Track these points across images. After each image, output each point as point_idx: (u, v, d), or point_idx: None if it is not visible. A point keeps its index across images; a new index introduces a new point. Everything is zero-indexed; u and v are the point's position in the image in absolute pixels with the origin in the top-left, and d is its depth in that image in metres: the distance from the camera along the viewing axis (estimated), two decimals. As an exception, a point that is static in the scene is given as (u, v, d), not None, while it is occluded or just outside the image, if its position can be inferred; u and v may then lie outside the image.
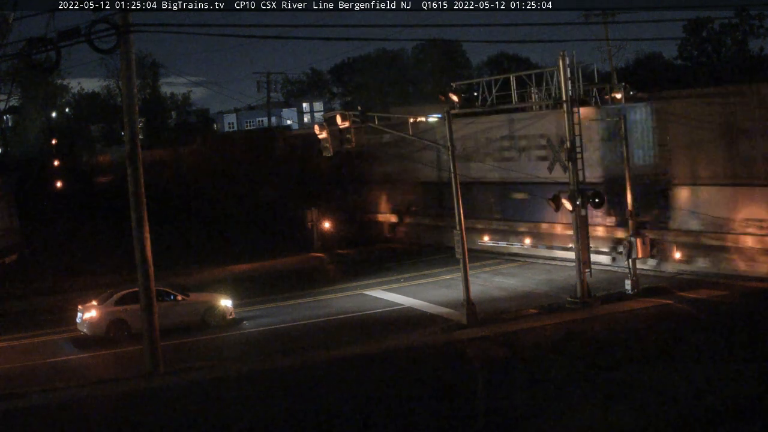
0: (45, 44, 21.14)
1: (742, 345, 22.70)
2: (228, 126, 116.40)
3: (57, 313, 32.72)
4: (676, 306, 27.67)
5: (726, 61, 78.51)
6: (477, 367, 23.12)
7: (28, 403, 21.54)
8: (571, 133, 28.68)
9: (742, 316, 25.97)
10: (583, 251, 28.63)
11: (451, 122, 28.22)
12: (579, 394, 19.50)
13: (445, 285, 34.02)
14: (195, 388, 22.30)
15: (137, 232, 23.46)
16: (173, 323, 27.93)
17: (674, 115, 32.48)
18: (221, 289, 32.91)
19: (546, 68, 30.65)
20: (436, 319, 28.54)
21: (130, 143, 23.45)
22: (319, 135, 29.44)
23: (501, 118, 39.45)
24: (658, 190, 33.18)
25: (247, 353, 25.88)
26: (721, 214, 31.05)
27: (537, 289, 32.34)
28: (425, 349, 24.80)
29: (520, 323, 26.98)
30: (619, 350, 23.12)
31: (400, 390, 20.98)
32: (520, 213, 38.99)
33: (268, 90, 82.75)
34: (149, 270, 23.54)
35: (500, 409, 19.19)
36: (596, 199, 28.56)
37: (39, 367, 25.64)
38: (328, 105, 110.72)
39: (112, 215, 58.11)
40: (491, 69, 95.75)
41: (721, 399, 18.49)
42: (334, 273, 40.38)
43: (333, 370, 23.30)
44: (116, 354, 26.69)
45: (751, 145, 30.15)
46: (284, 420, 19.39)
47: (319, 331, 28.11)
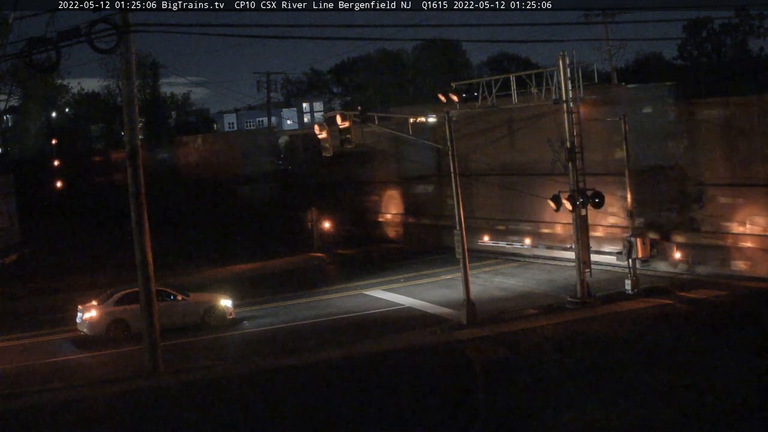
0: (45, 44, 21.14)
1: (742, 345, 22.72)
2: (228, 126, 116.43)
3: (57, 313, 32.69)
4: (677, 306, 27.67)
5: (726, 61, 78.50)
6: (477, 367, 23.10)
7: (28, 403, 21.52)
8: (570, 133, 28.70)
9: (742, 316, 25.99)
10: (583, 251, 28.64)
11: (451, 122, 28.23)
12: (579, 394, 19.49)
13: (445, 285, 34.02)
14: (195, 388, 22.29)
15: (137, 232, 23.45)
16: (173, 323, 27.93)
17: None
18: (221, 289, 32.92)
19: (546, 68, 30.62)
20: (436, 319, 28.54)
21: (130, 143, 23.44)
22: (319, 135, 29.45)
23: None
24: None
25: (247, 353, 25.87)
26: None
27: (537, 289, 32.35)
28: (425, 349, 24.79)
29: (520, 323, 26.98)
30: (619, 350, 23.13)
31: (400, 390, 20.98)
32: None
33: (268, 90, 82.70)
34: (149, 270, 23.52)
35: (500, 409, 19.20)
36: (596, 199, 28.55)
37: (39, 367, 25.62)
38: (328, 105, 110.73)
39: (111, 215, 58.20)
40: (491, 69, 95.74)
41: (721, 399, 18.48)
42: (334, 273, 40.38)
43: (333, 370, 23.29)
44: (116, 354, 26.69)
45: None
46: (284, 420, 19.38)
47: (319, 332, 28.10)
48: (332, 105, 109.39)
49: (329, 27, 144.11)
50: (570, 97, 28.82)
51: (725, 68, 72.04)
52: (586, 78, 31.66)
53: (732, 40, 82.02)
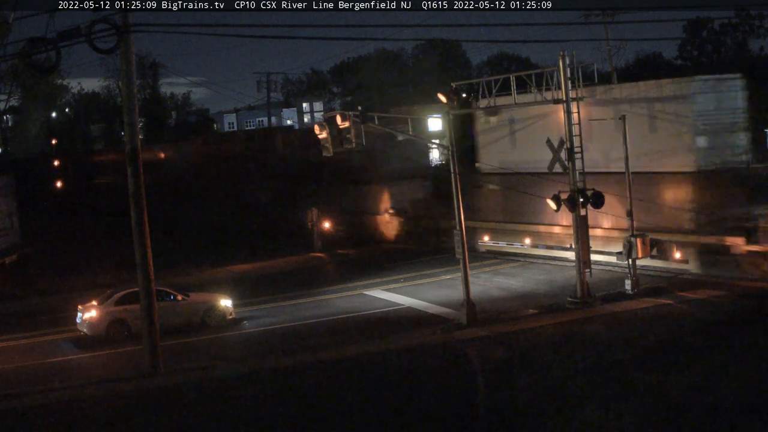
0: (45, 44, 21.14)
1: (742, 345, 22.72)
2: (228, 126, 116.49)
3: (57, 313, 32.72)
4: (676, 306, 27.67)
5: (726, 61, 78.52)
6: (477, 367, 23.10)
7: (28, 403, 21.53)
8: (570, 133, 28.70)
9: (742, 316, 25.98)
10: (583, 251, 28.63)
11: (450, 122, 28.23)
12: (579, 394, 19.49)
13: (445, 285, 34.02)
14: (195, 388, 22.29)
15: (137, 231, 23.46)
16: (173, 323, 27.94)
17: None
18: (221, 289, 32.94)
19: (546, 68, 30.60)
20: (436, 319, 28.54)
21: (130, 143, 23.44)
22: (319, 135, 29.43)
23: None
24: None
25: (247, 353, 25.87)
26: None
27: (537, 289, 32.34)
28: (425, 349, 24.79)
29: (520, 323, 26.97)
30: (619, 350, 23.12)
31: (400, 390, 20.98)
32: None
33: (268, 90, 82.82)
34: (149, 270, 23.52)
35: (500, 409, 19.20)
36: (596, 199, 28.52)
37: (39, 367, 25.64)
38: (328, 105, 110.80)
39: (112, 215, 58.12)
40: (491, 69, 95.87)
41: (721, 399, 18.48)
42: (334, 273, 40.37)
43: (333, 370, 23.29)
44: (116, 354, 26.69)
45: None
46: (284, 420, 19.38)
47: (319, 331, 28.11)
48: (332, 105, 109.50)
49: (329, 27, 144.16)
50: (570, 96, 28.82)
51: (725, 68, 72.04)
52: (587, 78, 31.68)
53: (732, 40, 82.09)
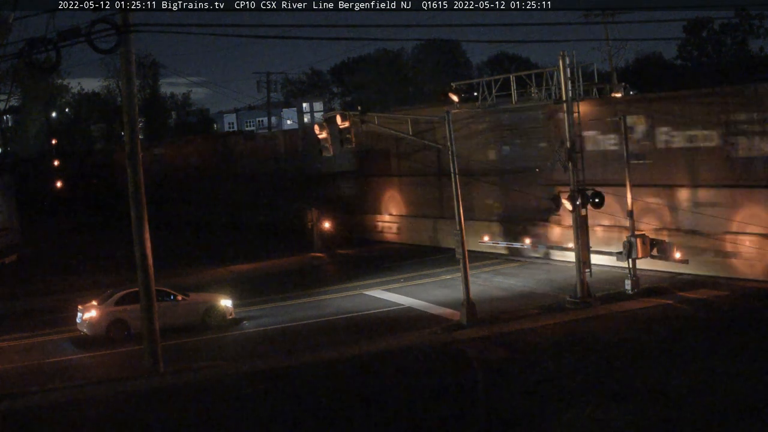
0: (45, 44, 21.14)
1: (742, 345, 22.73)
2: (228, 126, 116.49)
3: (57, 313, 32.69)
4: (676, 306, 27.68)
5: (726, 61, 78.59)
6: (477, 368, 23.12)
7: (28, 403, 21.54)
8: (571, 133, 28.71)
9: (742, 315, 25.99)
10: (583, 251, 28.63)
11: (451, 122, 28.23)
12: (579, 394, 19.50)
13: (445, 285, 34.01)
14: (195, 388, 22.31)
15: (137, 231, 23.45)
16: (173, 323, 27.92)
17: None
18: (221, 289, 32.92)
19: (546, 68, 30.64)
20: (436, 319, 28.54)
21: (130, 143, 23.45)
22: (319, 135, 29.45)
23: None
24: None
25: (247, 353, 25.88)
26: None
27: (537, 289, 32.34)
28: (425, 349, 24.79)
29: (520, 323, 26.98)
30: (619, 350, 23.13)
31: (399, 390, 20.99)
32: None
33: (268, 90, 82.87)
34: (149, 270, 23.52)
35: (500, 409, 19.21)
36: (596, 199, 28.53)
37: (39, 367, 25.62)
38: (328, 105, 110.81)
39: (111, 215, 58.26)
40: (491, 69, 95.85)
41: (721, 399, 18.49)
42: (334, 273, 40.35)
43: (333, 370, 23.29)
44: (116, 354, 26.68)
45: None
46: (284, 420, 19.39)
47: (319, 332, 28.11)
48: (332, 105, 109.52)
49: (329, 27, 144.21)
50: (570, 97, 28.83)
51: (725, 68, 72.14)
52: (587, 78, 31.76)
53: (732, 40, 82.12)
